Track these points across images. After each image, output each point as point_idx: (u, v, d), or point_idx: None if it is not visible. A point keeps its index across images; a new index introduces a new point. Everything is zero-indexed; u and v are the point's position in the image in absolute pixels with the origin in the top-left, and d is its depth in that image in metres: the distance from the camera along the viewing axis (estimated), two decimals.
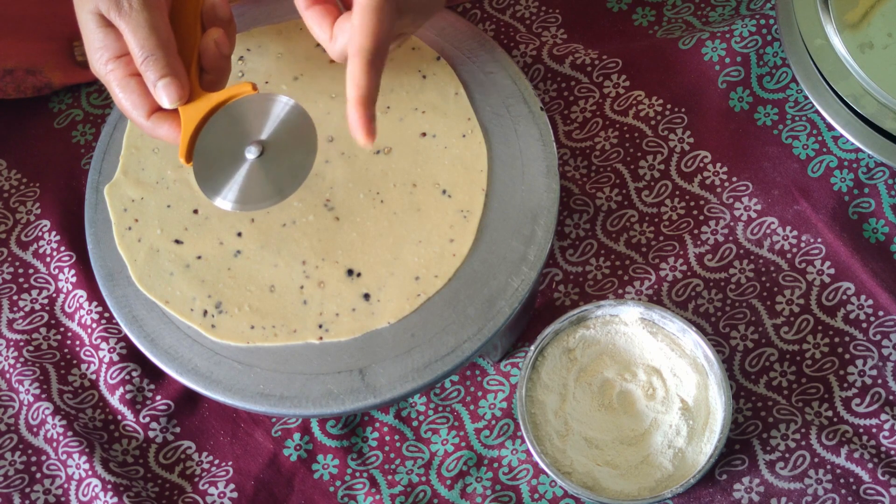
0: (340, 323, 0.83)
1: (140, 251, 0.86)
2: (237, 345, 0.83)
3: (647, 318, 0.86)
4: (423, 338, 0.82)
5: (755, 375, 0.87)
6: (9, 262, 0.93)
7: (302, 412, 0.82)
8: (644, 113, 0.94)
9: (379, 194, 0.86)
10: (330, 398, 0.82)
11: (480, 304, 0.83)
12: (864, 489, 0.83)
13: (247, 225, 0.86)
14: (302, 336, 0.83)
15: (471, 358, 0.82)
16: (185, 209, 0.87)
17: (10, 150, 0.97)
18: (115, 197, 0.87)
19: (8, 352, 0.90)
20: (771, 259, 0.89)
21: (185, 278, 0.85)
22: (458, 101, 0.88)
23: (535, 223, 0.85)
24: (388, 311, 0.83)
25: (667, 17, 0.98)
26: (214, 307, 0.84)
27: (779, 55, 0.94)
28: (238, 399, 0.82)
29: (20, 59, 0.96)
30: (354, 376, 0.82)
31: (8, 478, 0.88)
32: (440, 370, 0.82)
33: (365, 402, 0.82)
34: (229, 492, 0.87)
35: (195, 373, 0.83)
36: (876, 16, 0.89)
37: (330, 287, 0.84)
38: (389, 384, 0.82)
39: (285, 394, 0.82)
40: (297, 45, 0.90)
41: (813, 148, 0.92)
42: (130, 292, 0.85)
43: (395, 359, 0.82)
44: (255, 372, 0.83)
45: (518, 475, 0.86)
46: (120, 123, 0.90)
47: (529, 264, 0.84)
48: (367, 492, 0.86)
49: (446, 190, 0.86)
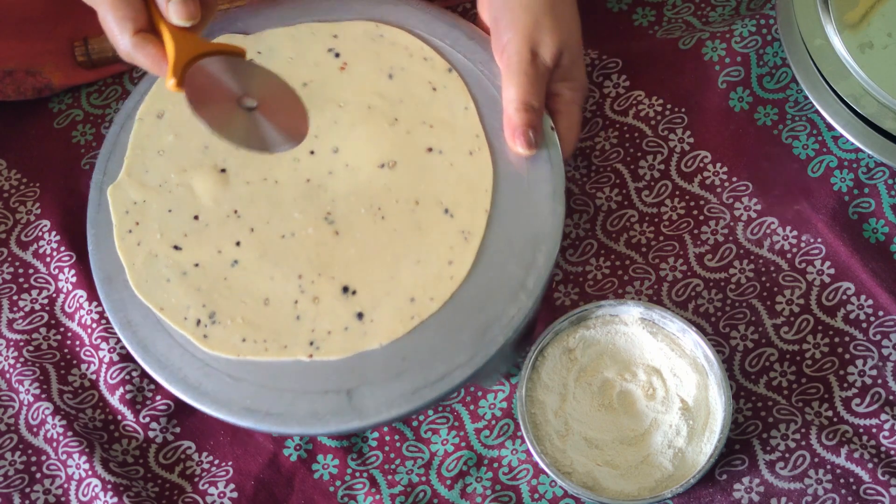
0: (332, 341, 0.82)
1: (139, 255, 0.85)
2: (227, 357, 0.83)
3: (647, 318, 0.86)
4: (413, 361, 0.81)
5: (755, 375, 0.87)
6: (9, 262, 0.93)
7: (285, 430, 0.81)
8: (644, 113, 0.94)
9: (380, 210, 0.85)
10: (315, 418, 0.81)
11: (474, 331, 0.82)
12: (864, 489, 0.83)
13: (246, 234, 0.85)
14: (292, 352, 0.82)
15: (461, 386, 0.81)
16: (185, 214, 0.86)
17: (10, 150, 0.97)
18: (117, 198, 0.87)
19: (8, 352, 0.90)
20: (771, 259, 0.89)
21: (182, 286, 0.84)
22: (467, 117, 0.87)
23: (536, 249, 0.83)
24: (381, 332, 0.82)
25: (667, 17, 0.98)
26: (208, 317, 0.84)
27: (779, 55, 0.94)
28: (224, 412, 0.82)
29: (20, 60, 0.96)
30: (342, 397, 0.81)
31: (8, 478, 0.88)
32: (429, 397, 0.81)
33: (349, 425, 0.81)
34: (229, 492, 0.87)
35: (184, 382, 0.83)
36: (876, 16, 0.89)
37: (324, 303, 0.83)
38: (376, 408, 0.81)
39: (271, 411, 0.81)
40: (308, 50, 0.90)
41: (813, 148, 0.92)
42: (127, 296, 0.85)
43: (384, 382, 0.81)
44: (244, 386, 0.82)
45: (518, 475, 0.86)
46: (127, 124, 0.90)
47: (528, 292, 0.82)
48: (367, 492, 0.86)
49: (449, 209, 0.85)
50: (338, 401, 0.81)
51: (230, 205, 0.87)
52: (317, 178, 0.87)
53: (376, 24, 0.90)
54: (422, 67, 0.89)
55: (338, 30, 0.90)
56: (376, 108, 0.88)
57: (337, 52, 0.90)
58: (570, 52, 0.87)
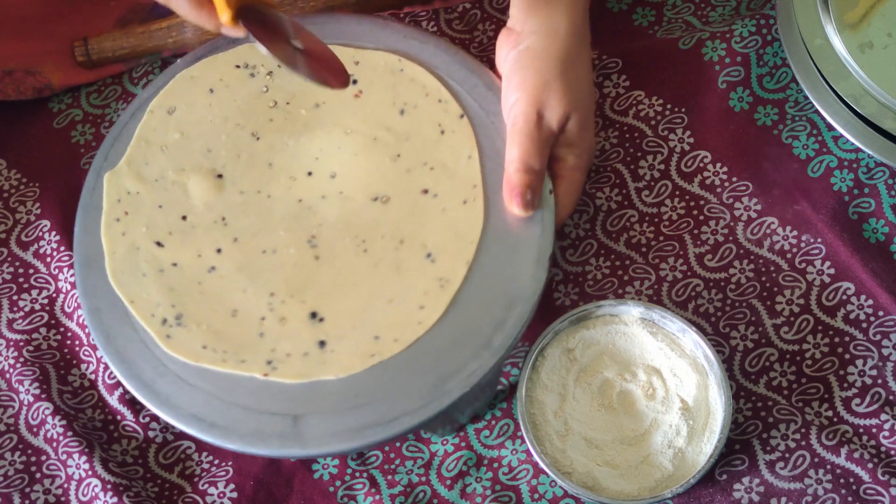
0: (289, 364, 0.82)
1: (121, 245, 0.86)
2: (185, 361, 0.82)
3: (647, 318, 0.86)
4: (365, 399, 0.80)
5: (755, 375, 0.87)
6: (9, 262, 0.93)
7: (227, 445, 0.81)
8: (644, 113, 0.94)
9: (364, 242, 0.85)
10: (257, 438, 0.80)
11: (432, 380, 0.81)
12: (864, 489, 0.83)
13: (229, 243, 0.85)
14: (249, 368, 0.82)
15: (408, 432, 0.80)
16: (175, 213, 0.86)
17: (9, 150, 0.97)
18: (112, 185, 0.87)
19: (8, 352, 0.90)
20: (771, 259, 0.89)
21: (156, 283, 0.84)
22: (469, 165, 0.86)
23: (509, 309, 0.82)
24: (339, 364, 0.81)
25: (667, 17, 0.98)
26: (175, 318, 0.83)
27: (779, 55, 0.94)
28: (171, 415, 0.81)
29: (20, 60, 0.97)
30: (287, 421, 0.80)
31: (8, 478, 0.88)
32: (373, 437, 0.80)
33: (289, 451, 0.80)
34: (229, 492, 0.87)
35: (138, 378, 0.82)
36: (876, 16, 0.89)
37: (290, 325, 0.83)
38: (318, 439, 0.80)
39: (217, 422, 0.81)
40: None
41: (813, 148, 0.92)
42: (101, 283, 0.85)
43: (332, 414, 0.80)
44: (195, 393, 0.82)
45: (518, 475, 0.86)
46: (138, 114, 0.90)
47: (492, 350, 0.81)
48: (366, 492, 0.86)
49: (432, 253, 0.84)
50: (283, 424, 0.80)
51: (220, 211, 0.87)
52: (309, 200, 0.87)
53: (399, 58, 0.90)
54: (435, 108, 0.88)
55: (361, 56, 0.90)
56: (381, 141, 0.87)
57: (355, 78, 0.90)
58: (578, 117, 0.86)
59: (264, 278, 0.84)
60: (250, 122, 0.89)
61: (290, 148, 0.88)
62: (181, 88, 0.90)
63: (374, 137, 0.88)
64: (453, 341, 0.81)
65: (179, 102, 0.90)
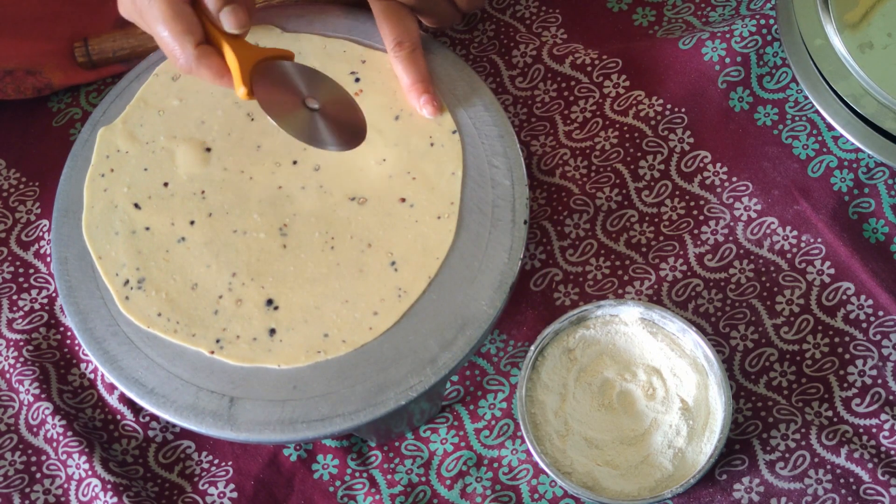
0: (236, 346, 0.83)
1: (100, 201, 0.87)
2: (138, 324, 0.84)
3: (647, 318, 0.86)
4: (302, 394, 0.81)
5: (755, 375, 0.87)
6: (9, 262, 0.93)
7: (158, 412, 0.82)
8: (644, 113, 0.94)
9: (333, 239, 0.85)
10: (192, 412, 0.82)
11: (370, 387, 0.81)
12: (864, 489, 0.83)
13: (203, 217, 0.87)
14: (197, 343, 0.83)
15: (340, 434, 0.81)
16: (158, 178, 0.88)
17: (9, 149, 0.97)
18: (104, 140, 0.89)
19: (8, 352, 0.90)
20: (771, 259, 0.89)
21: (126, 243, 0.86)
22: (451, 182, 0.87)
23: (460, 331, 0.83)
24: (284, 354, 0.82)
25: (667, 17, 0.98)
26: (137, 281, 0.85)
27: (779, 55, 0.94)
28: (114, 375, 0.83)
29: (20, 60, 0.97)
30: (224, 402, 0.82)
31: (8, 478, 0.88)
32: (302, 434, 0.81)
33: (220, 431, 0.81)
34: (229, 492, 0.87)
35: (90, 333, 0.84)
36: (876, 16, 0.89)
37: (245, 308, 0.84)
38: (249, 424, 0.81)
39: (156, 389, 0.82)
40: (333, 66, 0.90)
41: (813, 148, 0.92)
42: (74, 234, 0.87)
43: (269, 403, 0.81)
44: (141, 357, 0.83)
45: (518, 475, 0.86)
46: (144, 74, 0.91)
47: (435, 369, 0.82)
48: (366, 492, 0.86)
49: (396, 262, 0.84)
50: (219, 404, 0.82)
51: (200, 184, 0.88)
52: (288, 188, 0.87)
53: None
54: (429, 120, 0.89)
55: (368, 56, 0.91)
56: (370, 143, 0.87)
57: (358, 76, 0.90)
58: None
59: (229, 258, 0.85)
60: (248, 102, 0.89)
61: (281, 134, 0.88)
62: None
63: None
64: (399, 353, 0.82)
65: None
